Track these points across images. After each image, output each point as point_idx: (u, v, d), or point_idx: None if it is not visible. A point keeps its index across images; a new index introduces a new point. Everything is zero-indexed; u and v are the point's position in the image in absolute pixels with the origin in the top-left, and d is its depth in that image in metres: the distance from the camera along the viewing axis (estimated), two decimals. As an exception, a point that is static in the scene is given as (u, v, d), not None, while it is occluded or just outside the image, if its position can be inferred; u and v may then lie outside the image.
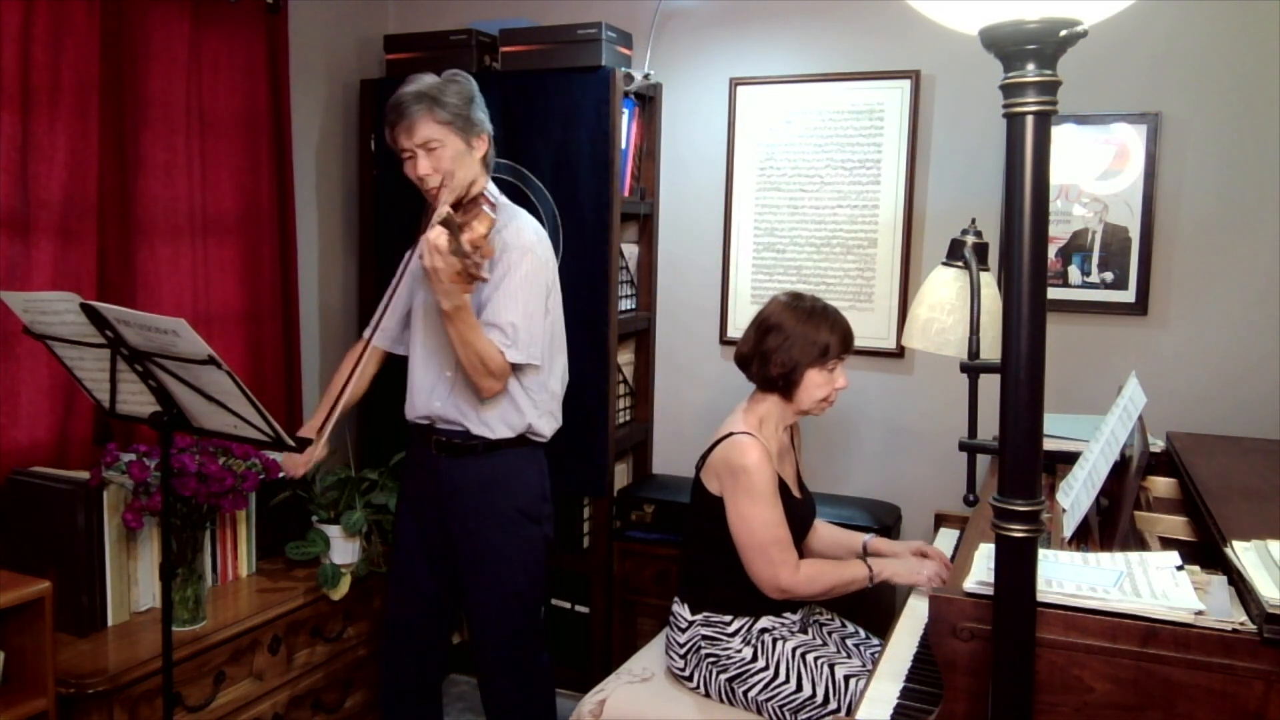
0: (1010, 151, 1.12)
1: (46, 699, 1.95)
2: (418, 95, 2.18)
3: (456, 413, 2.26)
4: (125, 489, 2.23)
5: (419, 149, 2.18)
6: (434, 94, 2.18)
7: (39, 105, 2.26)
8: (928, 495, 2.87)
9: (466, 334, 2.10)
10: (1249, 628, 1.29)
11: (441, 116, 2.18)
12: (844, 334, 2.18)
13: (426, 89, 2.19)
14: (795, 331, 2.15)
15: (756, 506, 2.09)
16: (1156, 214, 2.63)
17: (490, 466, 2.27)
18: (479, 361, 2.13)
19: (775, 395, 2.20)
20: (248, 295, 2.85)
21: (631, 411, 3.22)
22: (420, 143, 2.18)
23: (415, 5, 3.42)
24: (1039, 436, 1.15)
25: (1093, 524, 1.83)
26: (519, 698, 2.37)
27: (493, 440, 2.26)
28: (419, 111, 2.17)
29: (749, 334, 2.24)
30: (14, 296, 1.89)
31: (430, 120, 2.17)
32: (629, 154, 3.02)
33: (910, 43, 2.82)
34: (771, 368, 2.16)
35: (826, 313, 2.18)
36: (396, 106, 2.19)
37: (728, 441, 2.15)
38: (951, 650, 1.45)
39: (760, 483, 2.09)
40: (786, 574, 2.10)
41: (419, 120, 2.17)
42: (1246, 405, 2.56)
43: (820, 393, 2.17)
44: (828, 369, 2.16)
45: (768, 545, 2.09)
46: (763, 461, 2.10)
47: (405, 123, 2.18)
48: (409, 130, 2.18)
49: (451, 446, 2.28)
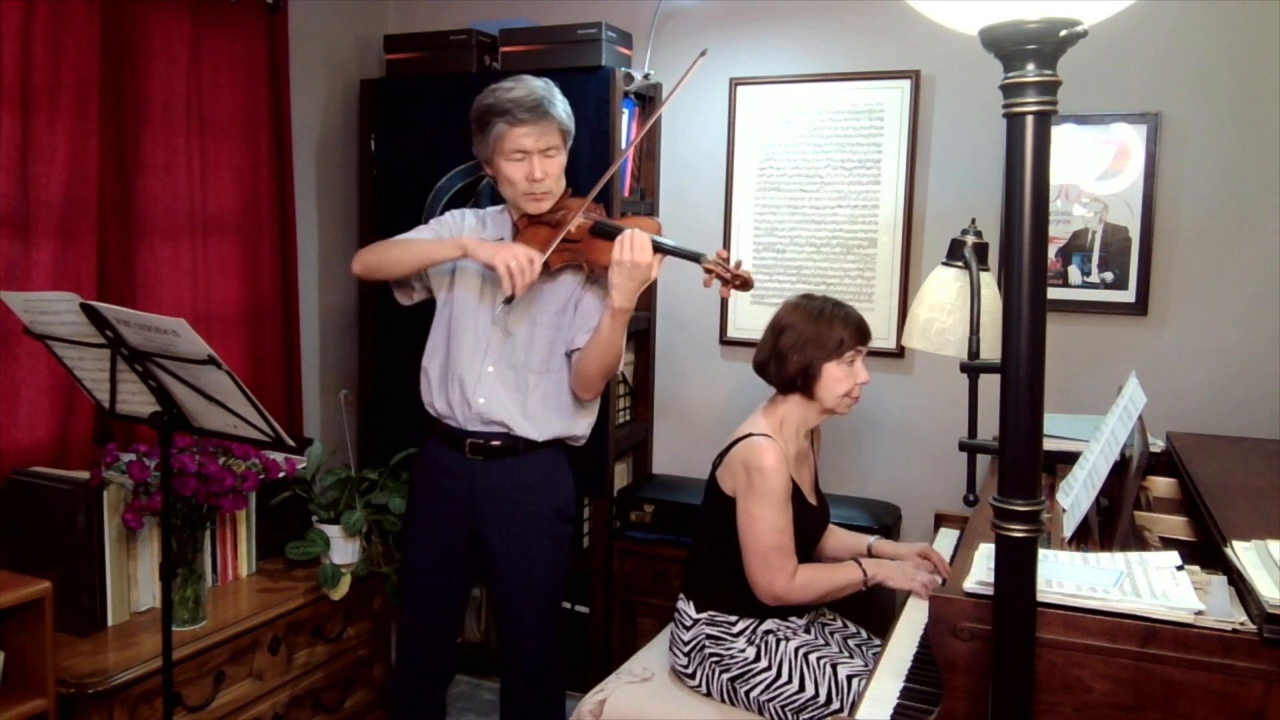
0: (1010, 151, 1.12)
1: (46, 699, 1.95)
2: (547, 99, 2.18)
3: (500, 411, 2.23)
4: (125, 489, 2.23)
5: (539, 153, 2.18)
6: (554, 99, 2.20)
7: (39, 105, 2.26)
8: (928, 495, 2.87)
9: (620, 335, 2.16)
10: (1249, 628, 1.29)
11: (564, 124, 2.21)
12: (857, 326, 2.18)
13: (547, 94, 2.19)
14: (807, 329, 2.16)
15: (766, 509, 2.09)
16: (1156, 214, 2.63)
17: (528, 467, 2.26)
18: (613, 363, 2.19)
19: (796, 395, 2.20)
20: (248, 295, 2.85)
21: (631, 411, 3.22)
22: (544, 147, 2.18)
23: (415, 5, 3.42)
24: (1039, 436, 1.15)
25: (1093, 524, 1.83)
26: (540, 697, 2.38)
27: (533, 441, 2.26)
28: (551, 116, 2.17)
29: (764, 339, 2.24)
30: (14, 296, 1.89)
31: (556, 126, 2.19)
32: (629, 154, 3.02)
33: (910, 43, 2.82)
34: (789, 367, 2.16)
35: (838, 308, 2.19)
36: (525, 105, 2.16)
37: (746, 442, 2.15)
38: (951, 650, 1.45)
39: (773, 486, 2.09)
40: (782, 581, 2.10)
41: (550, 125, 2.18)
42: (1246, 405, 2.56)
43: (842, 387, 2.16)
44: (846, 362, 2.16)
45: (769, 550, 2.09)
46: (779, 465, 2.09)
47: (538, 125, 2.16)
48: (539, 132, 2.17)
49: (489, 449, 2.26)
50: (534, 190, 2.20)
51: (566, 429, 2.29)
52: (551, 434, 2.27)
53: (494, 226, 2.34)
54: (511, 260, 2.08)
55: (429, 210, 3.00)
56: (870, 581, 2.16)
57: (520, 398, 2.24)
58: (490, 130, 2.20)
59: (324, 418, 3.26)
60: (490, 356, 2.25)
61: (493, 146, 2.21)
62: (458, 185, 3.01)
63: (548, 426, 2.26)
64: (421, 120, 3.03)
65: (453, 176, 3.00)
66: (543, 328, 2.25)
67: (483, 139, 2.23)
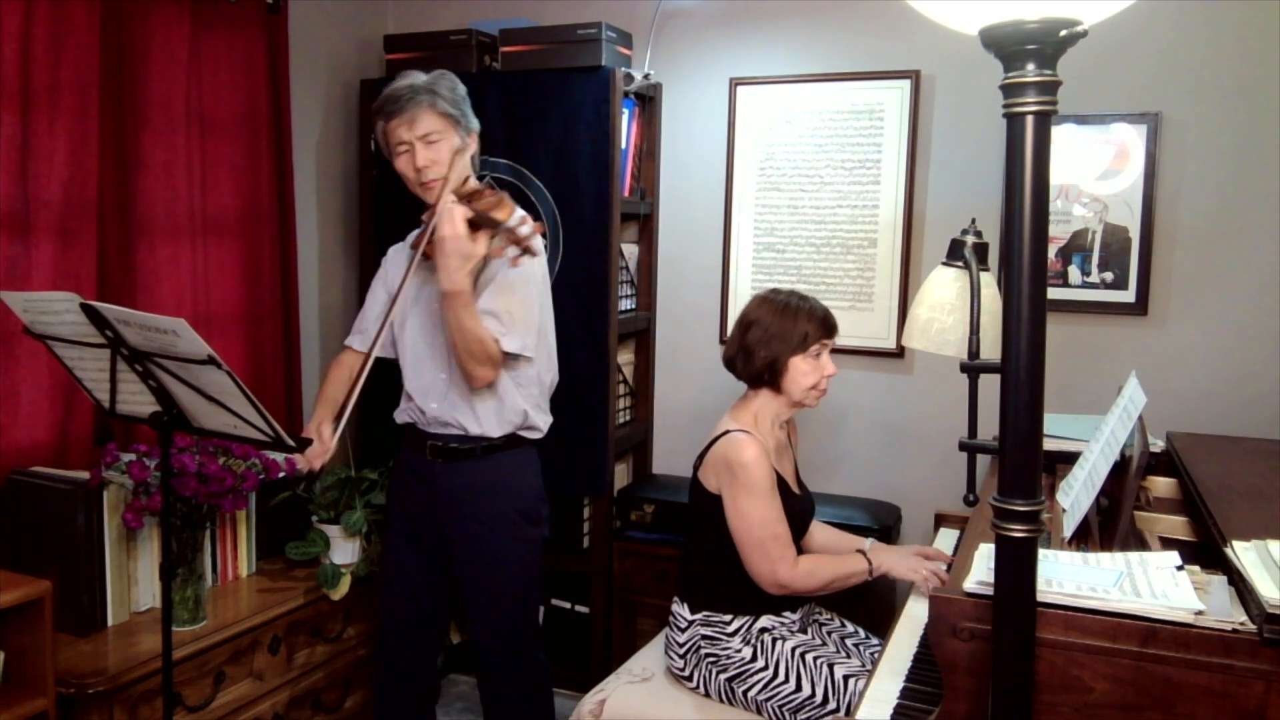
0: (1010, 151, 1.12)
1: (46, 699, 1.95)
2: (416, 88, 2.17)
3: (453, 412, 2.24)
4: (125, 489, 2.23)
5: (418, 141, 2.17)
6: (431, 87, 2.18)
7: (39, 105, 2.26)
8: (928, 495, 2.87)
9: (465, 318, 2.07)
10: (1249, 628, 1.29)
11: (442, 109, 2.18)
12: (823, 320, 2.19)
13: (423, 83, 2.19)
14: (773, 324, 2.17)
15: (754, 502, 2.10)
16: (1156, 214, 2.63)
17: (488, 470, 2.26)
18: (476, 346, 2.09)
19: (765, 390, 2.21)
20: (248, 295, 2.85)
21: (631, 411, 3.22)
22: (421, 135, 2.16)
23: (415, 5, 3.42)
24: (1039, 436, 1.15)
25: (1093, 524, 1.83)
26: (518, 697, 2.37)
27: (490, 442, 2.25)
28: (420, 103, 2.16)
29: (732, 335, 2.26)
30: (14, 296, 1.88)
31: (432, 112, 2.16)
32: (629, 154, 3.02)
33: (910, 43, 2.82)
34: (756, 361, 2.18)
35: (804, 302, 2.20)
36: (394, 99, 2.17)
37: (725, 439, 2.15)
38: (951, 650, 1.45)
39: (758, 478, 2.10)
40: (785, 569, 2.11)
41: (421, 112, 2.16)
42: (1246, 405, 2.56)
43: (808, 380, 2.18)
44: (812, 355, 2.17)
45: (766, 541, 2.10)
46: (760, 457, 2.10)
47: (407, 115, 2.16)
48: (411, 122, 2.16)
49: (448, 451, 2.26)
50: (420, 178, 2.18)
51: (511, 422, 2.25)
52: (502, 429, 2.24)
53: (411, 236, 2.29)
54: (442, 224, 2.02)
55: (429, 210, 3.00)
56: (875, 572, 2.16)
57: (469, 396, 2.21)
58: (376, 132, 2.24)
59: (324, 418, 3.25)
60: (440, 360, 2.24)
61: (383, 147, 2.24)
62: (458, 185, 3.00)
63: (492, 422, 2.23)
64: (421, 120, 3.03)
65: (453, 176, 3.00)
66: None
67: (380, 143, 2.25)
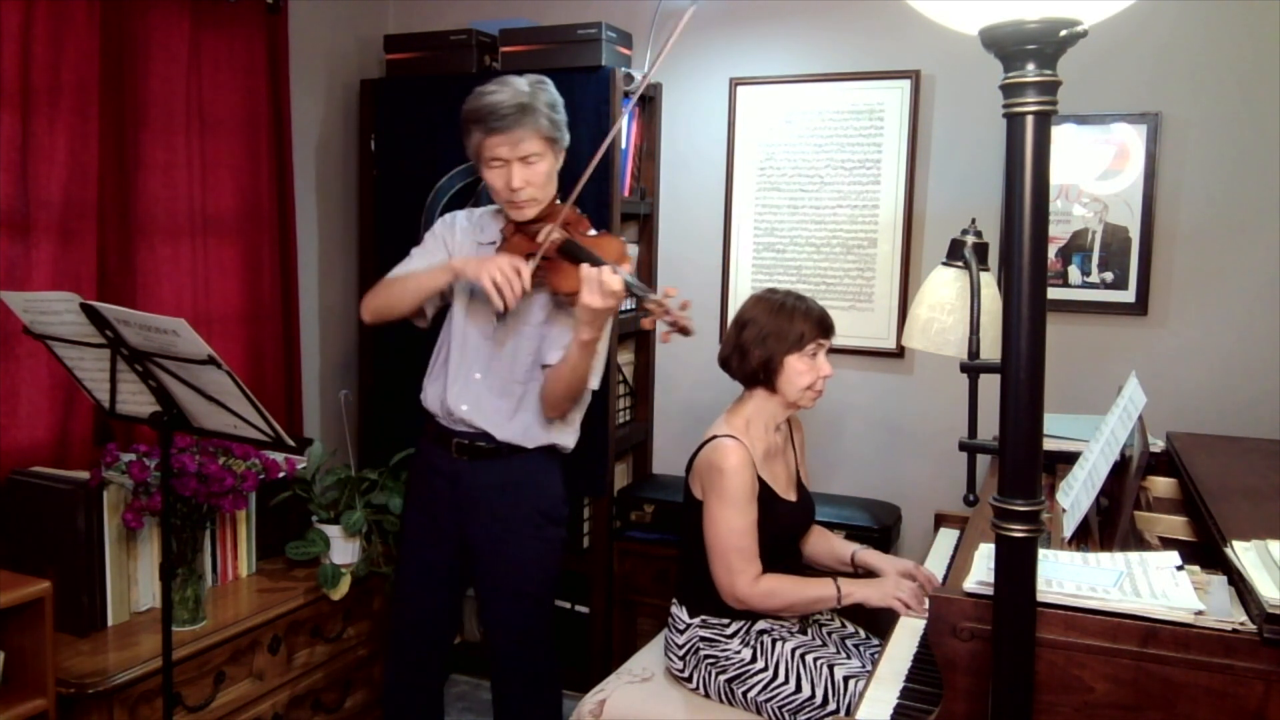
0: (1010, 151, 1.12)
1: (46, 699, 1.95)
2: (523, 106, 2.08)
3: (480, 418, 2.22)
4: (125, 489, 2.23)
5: (517, 161, 2.11)
6: (536, 104, 2.10)
7: (39, 105, 2.26)
8: (928, 495, 2.87)
9: (589, 361, 2.09)
10: (1249, 628, 1.29)
11: (545, 130, 2.11)
12: (819, 319, 2.18)
13: (528, 97, 2.10)
14: (769, 323, 2.16)
15: (726, 511, 2.09)
16: (1156, 214, 2.63)
17: (513, 470, 2.24)
18: (580, 386, 2.13)
19: (760, 390, 2.20)
20: (248, 295, 2.85)
21: (631, 411, 3.22)
22: (521, 155, 2.10)
23: (415, 5, 3.42)
24: (1039, 436, 1.15)
25: (1093, 524, 1.83)
26: (531, 698, 2.37)
27: (518, 446, 2.24)
28: (526, 124, 2.08)
29: (728, 334, 2.26)
30: (14, 296, 1.89)
31: (535, 134, 2.10)
32: (629, 154, 3.02)
33: (910, 43, 2.82)
34: (751, 361, 2.17)
35: (800, 302, 2.19)
36: (497, 114, 2.08)
37: (711, 444, 2.15)
38: (951, 650, 1.45)
39: (733, 487, 2.08)
40: (743, 584, 2.09)
41: (526, 133, 2.08)
42: (1246, 405, 2.56)
43: (804, 380, 2.16)
44: (808, 355, 2.17)
45: (729, 552, 2.09)
46: (741, 466, 2.09)
47: (512, 134, 2.08)
48: (514, 142, 2.08)
49: (474, 449, 2.24)
50: (514, 198, 2.14)
51: (550, 438, 2.26)
52: (537, 443, 2.25)
53: (488, 229, 2.31)
54: (496, 273, 2.02)
55: (429, 210, 3.00)
56: (845, 601, 2.13)
57: (506, 406, 2.22)
58: (470, 137, 2.17)
59: (324, 418, 3.26)
60: (478, 364, 2.24)
61: (475, 153, 2.19)
62: (458, 185, 3.01)
63: (533, 435, 2.23)
64: (421, 120, 3.03)
65: (453, 176, 3.00)
66: (526, 338, 2.22)
67: (468, 144, 2.20)
